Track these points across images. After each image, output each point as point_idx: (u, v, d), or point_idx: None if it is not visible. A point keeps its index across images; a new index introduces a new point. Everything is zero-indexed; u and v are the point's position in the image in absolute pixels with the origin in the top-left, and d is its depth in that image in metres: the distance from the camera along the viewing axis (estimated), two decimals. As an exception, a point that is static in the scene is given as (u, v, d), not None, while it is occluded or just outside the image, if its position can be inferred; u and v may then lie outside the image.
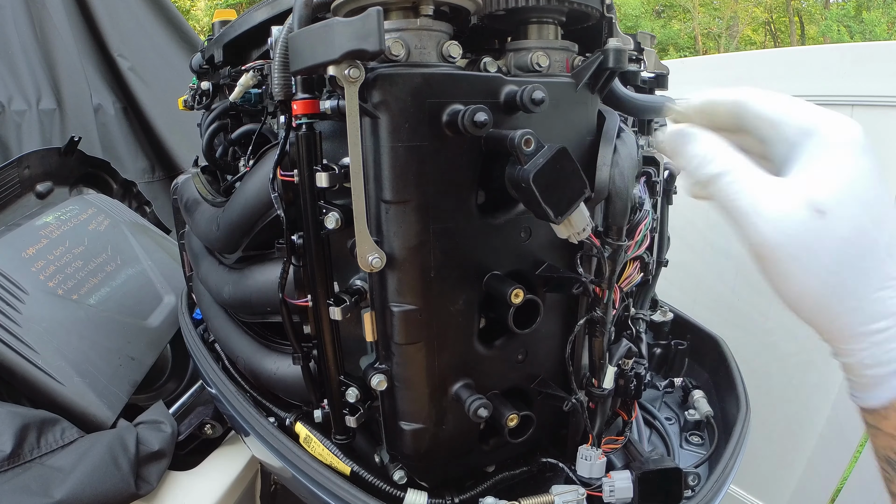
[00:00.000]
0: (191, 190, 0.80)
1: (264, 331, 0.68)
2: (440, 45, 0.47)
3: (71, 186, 1.31)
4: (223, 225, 0.64)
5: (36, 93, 1.55)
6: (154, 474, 0.79)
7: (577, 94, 0.53)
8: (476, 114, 0.43)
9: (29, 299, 0.90)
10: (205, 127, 0.79)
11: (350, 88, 0.41)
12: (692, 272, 1.61)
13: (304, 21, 0.45)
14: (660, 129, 0.36)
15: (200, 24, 10.11)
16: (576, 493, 0.54)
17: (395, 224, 0.46)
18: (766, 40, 13.39)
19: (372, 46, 0.39)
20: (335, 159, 0.47)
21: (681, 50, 12.66)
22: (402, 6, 0.46)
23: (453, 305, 0.50)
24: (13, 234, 1.01)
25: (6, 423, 0.71)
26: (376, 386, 0.50)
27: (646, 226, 0.58)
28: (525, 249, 0.53)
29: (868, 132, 0.32)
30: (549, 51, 0.52)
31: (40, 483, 0.68)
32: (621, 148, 0.55)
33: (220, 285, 0.68)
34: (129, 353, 0.96)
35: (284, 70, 0.47)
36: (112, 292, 1.04)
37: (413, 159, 0.45)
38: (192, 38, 1.97)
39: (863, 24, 11.08)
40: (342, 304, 0.48)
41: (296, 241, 0.49)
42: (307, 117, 0.46)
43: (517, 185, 0.44)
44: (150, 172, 1.81)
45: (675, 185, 0.81)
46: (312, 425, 0.58)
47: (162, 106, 1.76)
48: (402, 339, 0.48)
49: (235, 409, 0.67)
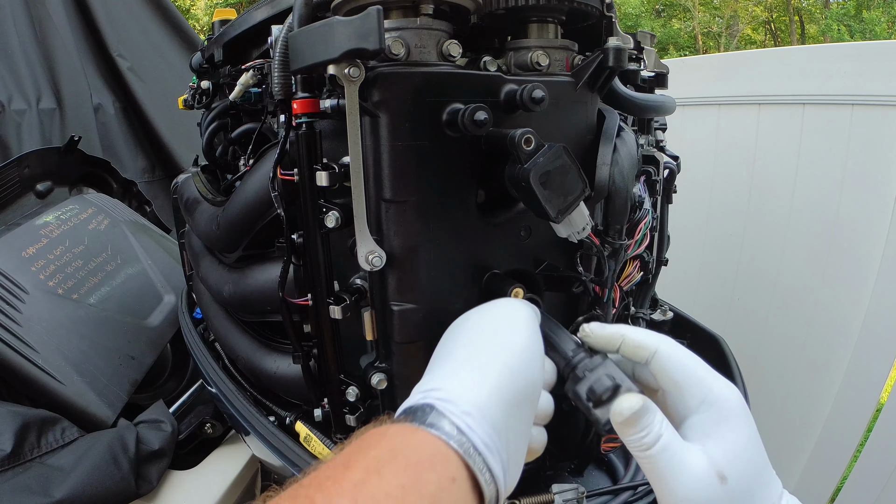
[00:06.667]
0: (191, 189, 0.80)
1: (264, 330, 0.68)
2: (440, 44, 0.47)
3: (71, 186, 1.31)
4: (223, 224, 0.64)
5: (36, 92, 1.55)
6: (154, 473, 0.79)
7: (577, 93, 0.53)
8: (476, 113, 0.43)
9: (29, 299, 0.90)
10: (205, 126, 0.79)
11: (350, 87, 0.41)
12: (692, 271, 1.61)
13: (304, 20, 0.45)
14: (625, 396, 0.40)
15: (200, 24, 10.11)
16: (576, 492, 0.54)
17: (395, 223, 0.46)
18: (766, 39, 13.39)
19: (372, 45, 0.39)
20: (335, 158, 0.47)
21: (681, 49, 12.66)
22: (402, 5, 0.46)
23: (453, 304, 0.50)
24: (13, 233, 1.01)
25: (6, 422, 0.71)
26: (376, 385, 0.50)
27: (645, 224, 0.58)
28: (525, 248, 0.53)
29: (868, 132, 0.33)
30: (549, 50, 0.52)
31: (40, 482, 0.68)
32: (621, 147, 0.55)
33: (220, 284, 0.68)
34: (129, 353, 0.96)
35: (284, 69, 0.47)
36: (112, 292, 1.04)
37: (413, 158, 0.45)
38: (192, 37, 1.96)
39: (863, 23, 11.08)
40: (342, 303, 0.48)
41: (296, 240, 0.49)
42: (307, 116, 0.46)
43: (517, 184, 0.44)
44: (149, 172, 1.81)
45: (675, 184, 0.81)
46: (312, 424, 0.58)
47: (162, 105, 1.76)
48: (402, 338, 0.49)
49: (235, 408, 0.67)
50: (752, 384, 0.76)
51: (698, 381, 0.41)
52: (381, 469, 0.30)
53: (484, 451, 0.33)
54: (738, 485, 0.38)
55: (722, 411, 0.40)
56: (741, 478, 0.38)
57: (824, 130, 1.30)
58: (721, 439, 0.39)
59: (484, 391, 0.35)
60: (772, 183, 1.41)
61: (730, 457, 0.38)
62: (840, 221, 1.28)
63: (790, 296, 1.39)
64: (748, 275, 1.49)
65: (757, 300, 1.47)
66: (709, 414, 0.40)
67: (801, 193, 1.35)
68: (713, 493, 0.37)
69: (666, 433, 0.39)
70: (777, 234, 1.40)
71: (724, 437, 0.39)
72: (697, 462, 0.38)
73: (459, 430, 0.33)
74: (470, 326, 0.42)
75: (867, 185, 1.23)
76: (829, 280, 1.31)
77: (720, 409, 0.40)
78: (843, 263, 1.28)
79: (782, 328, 1.42)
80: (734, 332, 1.13)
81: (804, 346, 1.37)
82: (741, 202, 1.48)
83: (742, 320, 1.50)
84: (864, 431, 1.30)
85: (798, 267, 1.37)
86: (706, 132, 1.55)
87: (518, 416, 0.37)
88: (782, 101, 1.37)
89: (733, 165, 1.50)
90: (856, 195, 1.25)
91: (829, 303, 1.31)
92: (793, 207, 1.37)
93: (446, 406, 0.34)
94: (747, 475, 0.38)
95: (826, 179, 1.30)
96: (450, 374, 0.37)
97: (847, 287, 1.28)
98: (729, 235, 1.52)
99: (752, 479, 0.39)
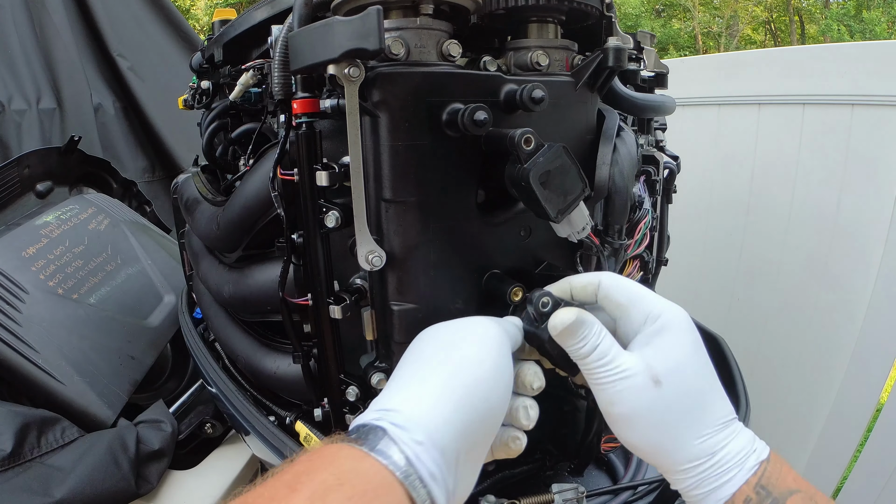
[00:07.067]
0: (191, 189, 0.80)
1: (264, 330, 0.68)
2: (440, 44, 0.47)
3: (71, 186, 1.31)
4: (223, 224, 0.64)
5: (36, 92, 1.55)
6: (154, 473, 0.79)
7: (577, 93, 0.53)
8: (476, 112, 0.43)
9: (29, 299, 0.90)
10: (205, 126, 0.79)
11: (350, 87, 0.42)
12: (692, 271, 1.61)
13: (303, 20, 0.45)
14: (559, 310, 0.43)
15: (200, 24, 10.11)
16: (575, 492, 0.54)
17: (395, 223, 0.46)
18: (766, 39, 13.39)
19: (372, 45, 0.39)
20: (335, 158, 0.47)
21: (681, 49, 12.66)
22: (402, 5, 0.46)
23: (453, 304, 0.50)
24: (13, 233, 1.01)
25: (6, 422, 0.71)
26: (376, 384, 0.50)
27: (645, 224, 0.58)
28: (525, 248, 0.53)
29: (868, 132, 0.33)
30: (549, 50, 0.52)
31: (41, 482, 0.68)
32: (621, 147, 0.55)
33: (221, 284, 0.68)
34: (129, 353, 0.96)
35: (284, 69, 0.47)
36: (112, 291, 1.04)
37: (413, 158, 0.45)
38: (192, 37, 1.96)
39: (863, 23, 11.08)
40: (342, 303, 0.48)
41: (296, 240, 0.49)
42: (307, 116, 0.46)
43: (517, 184, 0.44)
44: (150, 172, 1.81)
45: (675, 184, 0.81)
46: (312, 424, 0.58)
47: (162, 105, 1.76)
48: (402, 338, 0.48)
49: (235, 407, 0.67)
50: (752, 384, 0.76)
51: (640, 299, 0.43)
52: (326, 496, 0.31)
53: (429, 483, 0.34)
54: (673, 390, 0.40)
55: (663, 324, 0.42)
56: (677, 384, 0.40)
57: (824, 130, 1.30)
58: (659, 347, 0.41)
59: (439, 418, 0.36)
60: (772, 183, 1.41)
61: (667, 364, 0.40)
62: (840, 221, 1.28)
63: (790, 296, 1.39)
64: (748, 275, 1.49)
65: (757, 300, 1.47)
66: (652, 327, 0.42)
67: (801, 193, 1.35)
68: (647, 395, 0.40)
69: (603, 342, 0.41)
70: (777, 234, 1.40)
71: (662, 346, 0.41)
72: (632, 366, 0.40)
73: (408, 461, 0.34)
74: (439, 342, 0.42)
75: (867, 185, 1.23)
76: (829, 280, 1.31)
77: (662, 322, 0.42)
78: (843, 263, 1.28)
79: (782, 328, 1.42)
80: (734, 332, 1.13)
81: (804, 346, 1.37)
82: (741, 202, 1.48)
83: (742, 320, 1.50)
84: (864, 431, 1.30)
85: (798, 267, 1.37)
86: (706, 132, 1.55)
87: (472, 440, 0.38)
88: (782, 101, 1.37)
89: (733, 165, 1.50)
90: (856, 195, 1.25)
91: (829, 303, 1.32)
92: (793, 207, 1.37)
93: (398, 434, 0.35)
94: (685, 384, 0.40)
95: (826, 179, 1.30)
96: (409, 394, 0.38)
97: (847, 287, 1.28)
98: (729, 235, 1.52)
99: (691, 390, 0.40)
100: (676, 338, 0.41)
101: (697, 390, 0.41)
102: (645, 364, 0.40)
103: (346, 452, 0.34)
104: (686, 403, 0.40)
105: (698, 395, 0.41)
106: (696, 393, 0.40)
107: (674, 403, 0.40)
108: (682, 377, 0.40)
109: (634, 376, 0.40)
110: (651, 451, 0.41)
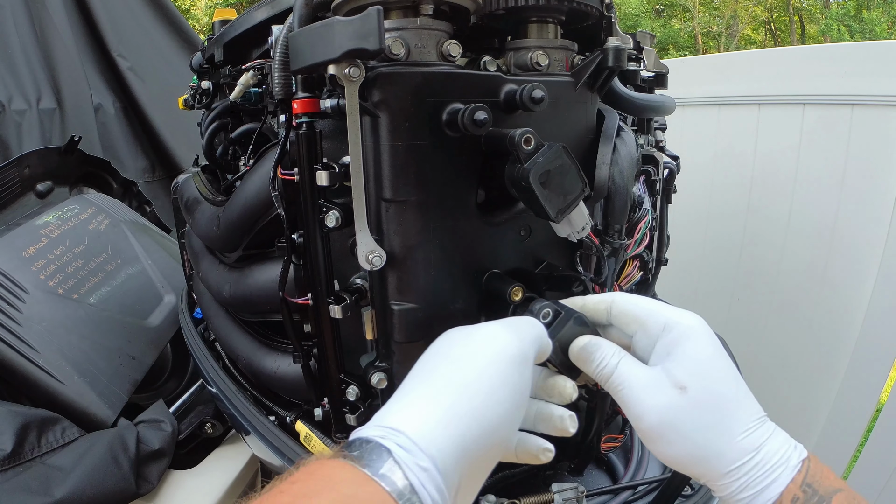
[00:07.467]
0: (191, 189, 0.80)
1: (264, 329, 0.68)
2: (440, 45, 0.47)
3: (71, 186, 1.31)
4: (223, 224, 0.64)
5: (36, 92, 1.55)
6: (154, 473, 0.79)
7: (577, 93, 0.53)
8: (476, 112, 0.43)
9: (29, 299, 0.90)
10: (205, 126, 0.79)
11: (350, 87, 0.42)
12: (692, 271, 1.61)
13: (304, 20, 0.45)
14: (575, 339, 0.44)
15: (200, 24, 10.11)
16: (576, 491, 0.54)
17: (396, 223, 0.46)
18: (766, 39, 13.39)
19: (372, 45, 0.39)
20: (335, 158, 0.47)
21: (681, 49, 12.66)
22: (402, 5, 0.46)
23: (453, 304, 0.50)
24: (13, 233, 1.01)
25: (7, 422, 0.71)
26: (376, 384, 0.50)
27: (645, 224, 0.58)
28: (525, 248, 0.53)
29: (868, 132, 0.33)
30: (549, 50, 0.52)
31: (41, 482, 0.68)
32: (620, 147, 0.55)
33: (221, 284, 0.68)
34: (129, 353, 0.96)
35: (285, 69, 0.47)
36: (112, 291, 1.04)
37: (413, 158, 0.45)
38: (192, 37, 1.96)
39: (863, 23, 11.07)
40: (342, 303, 0.48)
41: (296, 240, 0.49)
42: (307, 116, 0.46)
43: (517, 184, 0.44)
44: (150, 172, 1.81)
45: (675, 184, 0.81)
46: (313, 424, 0.58)
47: (162, 105, 1.76)
48: (402, 338, 0.49)
49: (236, 407, 0.67)
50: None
51: (655, 313, 0.43)
52: None
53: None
54: (699, 393, 0.39)
55: (680, 332, 0.41)
56: (703, 388, 0.39)
57: (824, 130, 1.30)
58: (679, 356, 0.41)
59: (445, 442, 0.35)
60: (772, 183, 1.41)
61: (689, 370, 0.40)
62: (840, 221, 1.28)
63: (790, 296, 1.39)
64: (748, 275, 1.49)
65: (757, 300, 1.47)
66: (669, 337, 0.42)
67: (800, 193, 1.35)
68: (674, 402, 0.39)
69: (622, 361, 0.42)
70: (777, 234, 1.40)
71: (683, 354, 0.41)
72: (655, 379, 0.40)
73: (412, 489, 0.33)
74: (451, 358, 0.41)
75: (867, 185, 1.23)
76: (829, 280, 1.31)
77: (679, 332, 0.41)
78: (842, 263, 1.28)
79: (782, 328, 1.42)
80: (734, 332, 1.13)
81: (804, 346, 1.37)
82: (741, 202, 1.48)
83: (742, 320, 1.50)
84: (864, 431, 1.30)
85: (798, 267, 1.37)
86: (706, 132, 1.55)
87: (476, 465, 0.37)
88: (782, 101, 1.37)
89: (733, 165, 1.50)
90: (856, 195, 1.25)
91: (829, 303, 1.32)
92: (793, 207, 1.37)
93: (403, 457, 0.34)
94: (711, 386, 0.40)
95: (826, 179, 1.30)
96: (415, 412, 0.37)
97: (847, 287, 1.28)
98: (729, 235, 1.52)
99: (717, 391, 0.40)
100: (695, 343, 0.41)
101: (724, 390, 0.40)
102: (666, 374, 0.40)
103: (348, 475, 0.33)
104: (716, 404, 0.39)
105: (726, 394, 0.40)
106: (723, 392, 0.40)
107: (703, 405, 0.39)
108: (707, 380, 0.40)
109: (658, 387, 0.40)
110: (692, 460, 0.40)
